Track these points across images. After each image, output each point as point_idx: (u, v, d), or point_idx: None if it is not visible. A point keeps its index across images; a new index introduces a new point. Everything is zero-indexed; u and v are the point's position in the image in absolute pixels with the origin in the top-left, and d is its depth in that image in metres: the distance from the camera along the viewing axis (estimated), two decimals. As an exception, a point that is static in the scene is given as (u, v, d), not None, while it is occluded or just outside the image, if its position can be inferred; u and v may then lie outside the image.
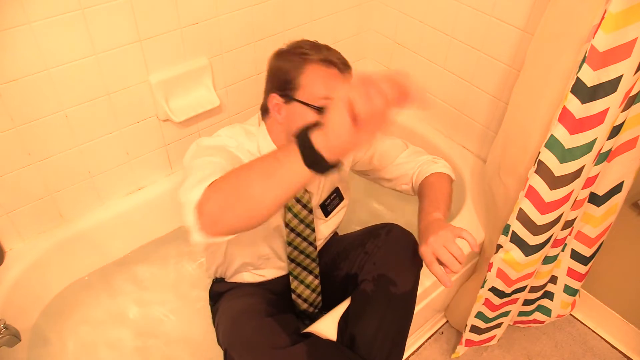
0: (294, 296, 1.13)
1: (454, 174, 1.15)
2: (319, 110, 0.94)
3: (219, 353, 1.07)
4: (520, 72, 1.10)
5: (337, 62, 0.96)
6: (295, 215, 1.06)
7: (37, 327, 1.25)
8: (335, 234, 1.33)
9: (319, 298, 1.15)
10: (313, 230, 1.10)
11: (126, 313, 1.37)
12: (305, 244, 1.10)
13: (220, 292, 1.19)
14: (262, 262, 1.13)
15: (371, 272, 0.98)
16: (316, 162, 0.61)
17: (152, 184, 1.39)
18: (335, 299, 1.09)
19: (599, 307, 1.52)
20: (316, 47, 0.99)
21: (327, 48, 1.00)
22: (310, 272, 1.13)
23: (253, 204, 0.67)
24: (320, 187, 1.12)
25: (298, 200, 1.06)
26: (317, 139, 0.60)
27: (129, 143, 1.28)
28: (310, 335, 0.98)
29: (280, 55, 1.01)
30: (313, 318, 1.18)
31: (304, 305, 1.14)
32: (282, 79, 0.98)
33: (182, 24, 1.18)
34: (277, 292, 1.13)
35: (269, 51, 1.04)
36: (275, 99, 0.99)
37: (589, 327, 1.56)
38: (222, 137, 1.00)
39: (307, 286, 1.13)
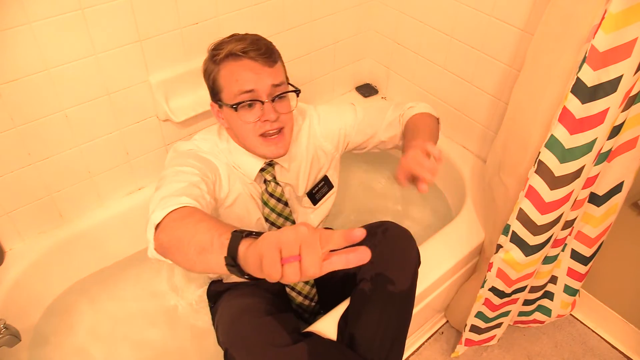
0: (288, 289, 1.13)
1: (435, 113, 1.17)
2: (235, 108, 0.93)
3: (219, 353, 1.07)
4: (520, 72, 1.10)
5: (247, 51, 0.91)
6: (272, 210, 1.07)
7: (37, 327, 1.25)
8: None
9: (314, 290, 1.15)
10: (293, 222, 1.10)
11: (127, 313, 1.37)
12: (281, 219, 1.10)
13: (219, 291, 1.19)
14: None
15: (369, 271, 0.98)
16: (234, 267, 0.61)
17: (152, 184, 1.39)
18: (335, 299, 1.09)
19: (599, 307, 1.52)
20: (229, 41, 0.95)
21: (240, 39, 0.95)
22: None
23: (187, 265, 0.71)
24: (300, 178, 1.12)
25: (271, 195, 1.06)
26: (242, 251, 0.60)
27: (129, 143, 1.28)
28: (311, 334, 0.98)
29: (205, 60, 0.99)
30: (311, 312, 1.18)
31: (299, 298, 1.14)
32: (209, 85, 0.99)
33: (182, 24, 1.18)
34: (274, 292, 1.14)
35: (269, 51, 1.04)
36: (214, 108, 1.01)
37: (589, 327, 1.56)
38: (197, 140, 1.05)
39: None
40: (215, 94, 0.98)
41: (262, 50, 0.92)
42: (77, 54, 1.06)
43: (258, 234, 0.61)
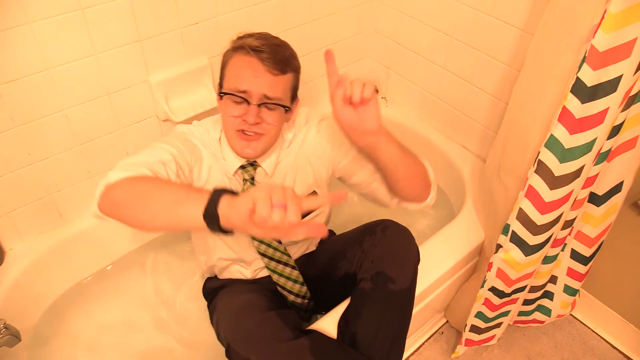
0: (279, 289, 1.13)
1: (433, 176, 1.07)
2: (221, 96, 0.95)
3: (220, 351, 1.07)
4: (520, 72, 1.10)
5: (260, 51, 0.92)
6: None
7: (37, 327, 1.26)
8: (332, 233, 1.33)
9: (304, 288, 1.14)
10: None
11: (126, 313, 1.37)
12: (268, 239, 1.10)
13: (214, 288, 1.19)
14: (241, 255, 1.14)
15: (369, 270, 0.98)
16: (211, 220, 0.67)
17: (152, 184, 1.39)
18: (335, 299, 1.09)
19: (599, 307, 1.52)
20: (251, 35, 0.97)
21: (263, 37, 0.96)
22: (286, 264, 1.13)
23: (146, 216, 0.75)
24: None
25: None
26: (223, 204, 0.67)
27: (129, 143, 1.28)
28: (312, 331, 0.99)
29: (226, 52, 1.01)
30: (305, 310, 1.18)
31: (291, 297, 1.14)
32: (220, 74, 1.01)
33: (182, 24, 1.18)
34: (272, 289, 1.14)
35: (269, 51, 1.04)
36: (217, 96, 1.01)
37: (589, 327, 1.56)
38: (194, 125, 1.08)
39: (288, 278, 1.13)
40: (220, 80, 1.00)
41: (275, 57, 0.92)
42: (77, 54, 1.06)
43: (236, 193, 0.69)
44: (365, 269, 1.00)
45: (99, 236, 1.33)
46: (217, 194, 0.68)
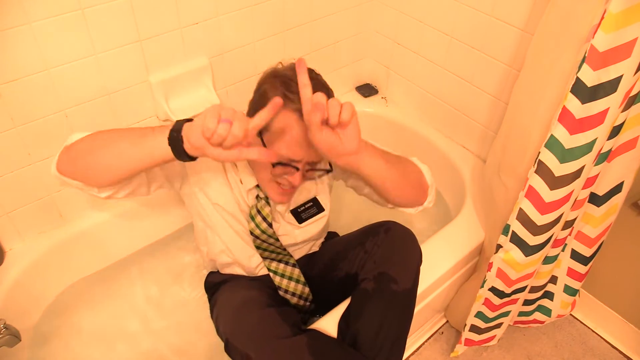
0: (281, 292, 1.13)
1: (430, 179, 1.04)
2: (273, 165, 0.91)
3: (219, 348, 1.07)
4: (520, 72, 1.10)
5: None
6: (257, 226, 1.07)
7: (37, 327, 1.26)
8: (335, 234, 1.33)
9: (307, 289, 1.15)
10: (277, 239, 1.10)
11: (126, 313, 1.37)
12: (265, 235, 1.09)
13: (216, 282, 1.19)
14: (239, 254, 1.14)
15: (372, 270, 0.98)
16: (175, 144, 0.74)
17: (152, 184, 1.39)
18: (335, 299, 1.09)
19: (599, 307, 1.52)
20: (295, 83, 0.81)
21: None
22: (287, 263, 1.13)
23: (112, 156, 0.79)
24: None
25: (259, 212, 1.06)
26: (185, 128, 0.73)
27: (129, 143, 1.28)
28: (312, 329, 0.99)
29: (269, 79, 0.92)
30: (306, 312, 1.18)
31: (294, 300, 1.14)
32: (257, 103, 0.93)
33: (182, 24, 1.18)
34: (274, 287, 1.14)
35: (269, 51, 1.04)
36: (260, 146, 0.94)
37: (589, 327, 1.56)
38: None
39: (290, 278, 1.13)
40: (254, 111, 0.86)
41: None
42: (77, 54, 1.06)
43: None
44: (367, 270, 1.00)
45: (99, 236, 1.33)
46: (179, 122, 0.75)
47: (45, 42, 1.00)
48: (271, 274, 1.13)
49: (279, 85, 0.89)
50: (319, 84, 0.90)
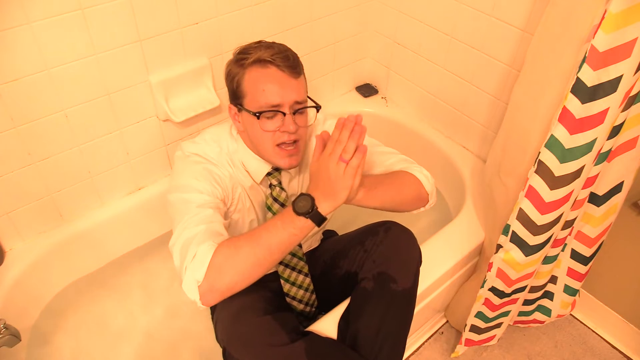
0: (288, 299, 1.13)
1: (429, 186, 1.04)
2: (258, 116, 0.93)
3: (219, 350, 1.07)
4: (520, 72, 1.10)
5: (275, 59, 0.92)
6: (274, 214, 1.06)
7: (37, 327, 1.25)
8: (334, 233, 1.33)
9: (314, 296, 1.15)
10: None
11: (126, 313, 1.37)
12: None
13: None
14: None
15: (371, 270, 0.98)
16: (321, 221, 0.82)
17: (152, 184, 1.39)
18: (335, 298, 1.09)
19: (599, 307, 1.52)
20: (257, 47, 0.95)
21: (268, 46, 0.95)
22: (300, 272, 1.13)
23: (263, 269, 0.83)
24: (303, 187, 1.12)
25: (275, 199, 1.06)
26: (323, 206, 0.81)
27: (129, 143, 1.28)
28: (310, 333, 0.98)
29: (229, 63, 0.99)
30: (312, 319, 1.18)
31: (300, 307, 1.14)
32: (231, 88, 0.99)
33: (182, 24, 1.18)
34: (274, 290, 1.13)
35: (269, 51, 1.04)
36: (232, 110, 1.00)
37: (589, 327, 1.56)
38: (203, 144, 1.03)
39: (300, 286, 1.13)
40: (237, 98, 0.98)
41: (289, 61, 0.93)
42: (77, 54, 1.06)
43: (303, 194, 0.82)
44: (366, 269, 0.99)
45: (99, 236, 1.33)
46: (312, 207, 0.81)
47: (45, 42, 1.00)
48: (282, 281, 1.12)
49: (236, 62, 0.96)
50: (291, 50, 0.98)
